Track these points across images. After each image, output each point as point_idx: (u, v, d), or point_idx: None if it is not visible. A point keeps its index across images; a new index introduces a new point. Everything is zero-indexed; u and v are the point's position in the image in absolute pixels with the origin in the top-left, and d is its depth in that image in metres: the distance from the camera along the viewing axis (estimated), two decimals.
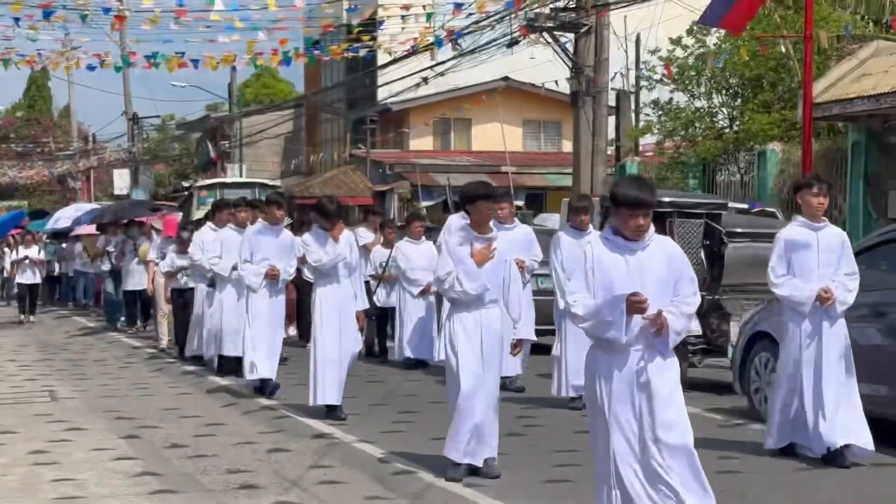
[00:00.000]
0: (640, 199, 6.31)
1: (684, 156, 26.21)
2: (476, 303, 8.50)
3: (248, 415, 11.81)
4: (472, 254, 8.49)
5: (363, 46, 24.96)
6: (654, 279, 6.35)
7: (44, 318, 27.18)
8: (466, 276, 8.43)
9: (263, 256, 12.85)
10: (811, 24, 18.56)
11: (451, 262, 8.50)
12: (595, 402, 6.42)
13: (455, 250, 8.55)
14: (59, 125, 70.36)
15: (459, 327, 8.52)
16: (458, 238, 8.61)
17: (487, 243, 8.56)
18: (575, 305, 6.38)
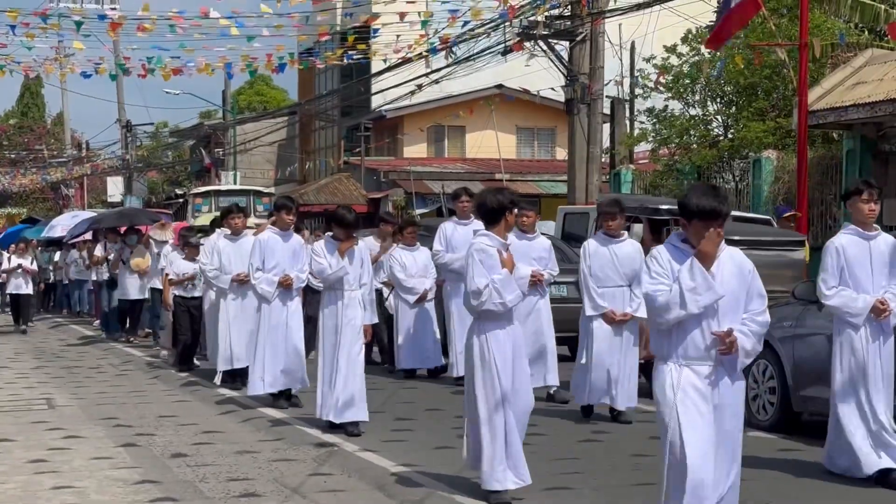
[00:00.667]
0: (717, 209, 6.00)
1: (679, 163, 26.26)
2: (506, 315, 8.08)
3: (248, 423, 11.80)
4: (503, 262, 8.05)
5: (358, 53, 24.97)
6: (724, 291, 6.08)
7: (38, 325, 27.08)
8: (504, 286, 7.96)
9: (275, 263, 12.47)
10: (806, 32, 18.63)
11: (486, 274, 7.99)
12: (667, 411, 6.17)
13: (486, 260, 8.06)
14: (53, 132, 70.28)
15: (494, 344, 8.05)
16: (485, 247, 8.13)
17: (507, 250, 8.21)
18: (656, 295, 6.09)
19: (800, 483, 8.90)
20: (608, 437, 10.73)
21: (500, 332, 8.05)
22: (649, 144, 28.41)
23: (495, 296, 7.92)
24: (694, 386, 6.11)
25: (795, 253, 14.21)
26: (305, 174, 49.64)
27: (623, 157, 28.74)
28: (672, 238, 6.22)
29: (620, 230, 11.66)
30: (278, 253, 12.48)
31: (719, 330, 6.03)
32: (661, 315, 6.09)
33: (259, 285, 12.45)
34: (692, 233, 6.05)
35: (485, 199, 8.32)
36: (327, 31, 24.12)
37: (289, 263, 12.48)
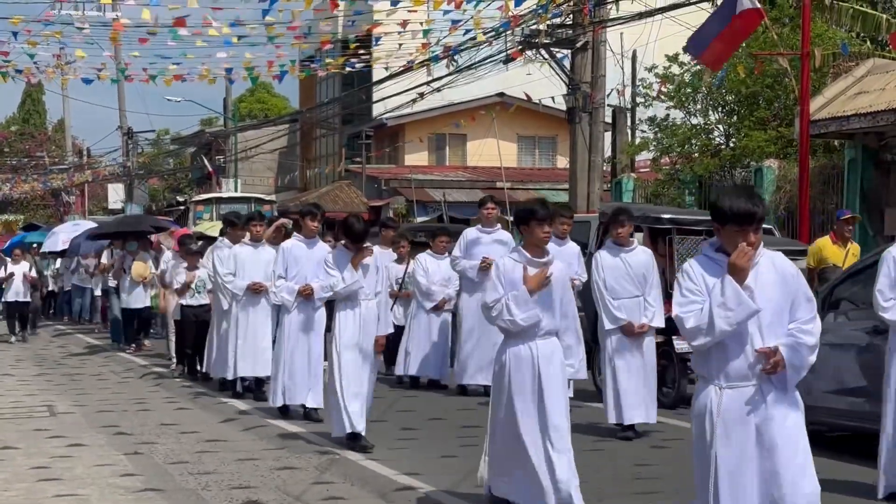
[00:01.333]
0: (752, 212, 5.50)
1: (681, 173, 26.28)
2: (529, 333, 7.71)
3: (250, 431, 11.79)
4: (524, 279, 7.67)
5: (360, 62, 24.99)
6: (765, 302, 5.51)
7: (41, 333, 26.98)
8: (517, 303, 7.63)
9: (299, 272, 12.15)
10: (808, 41, 18.66)
11: (500, 288, 7.70)
12: (703, 445, 5.68)
13: (506, 274, 7.75)
14: (54, 139, 70.35)
15: (513, 361, 7.75)
16: (508, 260, 7.83)
17: (543, 268, 7.74)
18: (686, 318, 5.56)
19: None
20: (609, 446, 10.73)
21: (522, 348, 7.74)
22: (651, 153, 28.43)
23: (505, 312, 7.65)
24: (736, 413, 5.56)
25: (796, 262, 14.17)
26: (306, 182, 49.68)
27: (624, 166, 28.76)
28: (705, 248, 5.78)
29: (630, 238, 11.45)
30: (302, 261, 12.17)
31: (764, 347, 5.52)
32: (694, 339, 5.56)
33: (279, 294, 12.21)
34: (726, 238, 5.58)
35: (516, 210, 8.16)
36: (329, 39, 24.09)
37: (313, 273, 12.02)
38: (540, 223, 7.79)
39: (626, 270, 11.20)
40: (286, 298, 12.12)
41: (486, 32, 23.35)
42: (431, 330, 15.02)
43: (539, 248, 7.84)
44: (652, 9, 22.39)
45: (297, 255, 12.20)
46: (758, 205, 5.54)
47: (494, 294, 7.71)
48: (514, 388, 7.69)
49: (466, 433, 11.41)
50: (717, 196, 5.72)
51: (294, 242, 12.41)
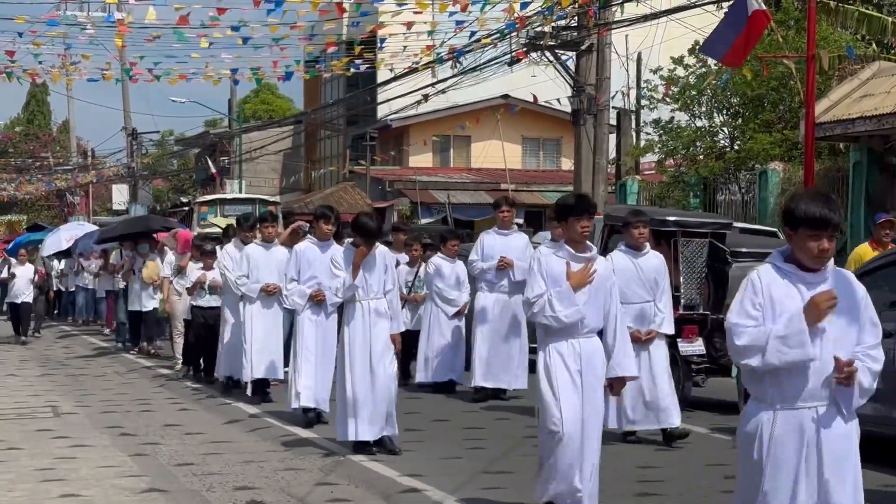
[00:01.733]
0: (827, 217, 5.11)
1: (685, 175, 26.27)
2: (571, 331, 7.48)
3: (254, 432, 11.79)
4: (567, 275, 7.45)
5: (364, 63, 24.99)
6: (835, 320, 5.14)
7: (45, 333, 26.98)
8: (560, 299, 7.40)
9: (312, 275, 11.93)
10: (814, 44, 18.62)
11: (542, 283, 7.47)
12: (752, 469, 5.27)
13: (549, 269, 7.50)
14: (58, 140, 70.42)
15: (556, 357, 7.49)
16: (550, 255, 7.57)
17: (586, 264, 7.53)
18: (739, 332, 5.16)
19: None
20: (612, 449, 10.69)
21: (564, 345, 7.51)
22: (655, 155, 28.43)
23: (548, 308, 7.41)
24: (791, 437, 5.18)
25: None
26: (310, 183, 49.67)
27: (629, 168, 28.76)
28: (774, 256, 5.32)
29: (645, 241, 11.11)
30: (316, 264, 11.92)
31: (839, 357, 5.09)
32: (739, 356, 5.18)
33: (291, 297, 12.03)
34: (797, 245, 5.19)
35: (555, 205, 7.96)
36: (334, 41, 24.11)
37: (327, 276, 11.66)
38: (578, 218, 7.52)
39: (638, 275, 10.92)
40: (297, 302, 11.95)
41: (491, 34, 23.36)
42: (450, 334, 14.86)
43: (581, 244, 7.59)
44: (657, 11, 22.37)
45: (310, 257, 11.98)
46: (834, 210, 5.16)
47: (536, 289, 7.49)
48: (560, 385, 7.45)
49: (471, 435, 11.41)
50: (790, 199, 5.35)
51: (307, 245, 12.18)
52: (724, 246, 13.55)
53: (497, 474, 9.39)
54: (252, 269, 13.91)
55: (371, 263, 10.46)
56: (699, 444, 10.94)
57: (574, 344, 7.50)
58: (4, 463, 10.10)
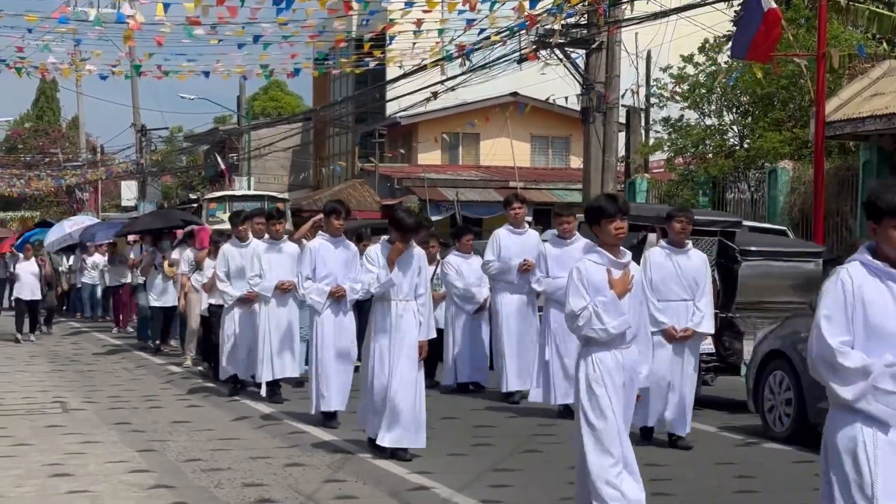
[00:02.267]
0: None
1: (695, 173, 26.23)
2: (616, 341, 7.03)
3: (262, 429, 11.79)
4: (610, 283, 7.00)
5: (373, 60, 24.98)
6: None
7: (55, 329, 26.91)
8: (606, 310, 6.94)
9: (327, 273, 11.65)
10: (824, 42, 18.60)
11: (585, 294, 7.00)
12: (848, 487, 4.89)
13: (589, 279, 7.02)
14: (68, 136, 70.54)
15: (601, 369, 7.04)
16: (589, 265, 7.08)
17: (625, 270, 7.09)
18: (844, 355, 4.83)
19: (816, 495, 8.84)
20: None
21: (607, 356, 7.06)
22: (665, 154, 28.37)
23: (595, 321, 6.94)
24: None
25: (812, 264, 14.16)
26: (319, 180, 49.69)
27: (638, 166, 28.72)
28: (859, 253, 4.99)
29: (686, 237, 10.77)
30: (330, 261, 11.69)
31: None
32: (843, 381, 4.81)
33: (309, 296, 11.66)
34: (882, 237, 4.87)
35: (585, 209, 7.44)
36: (343, 38, 24.09)
37: (341, 272, 11.65)
38: (611, 219, 7.07)
39: (677, 272, 10.61)
40: (316, 300, 11.60)
41: (501, 32, 23.33)
42: (474, 333, 14.58)
43: (616, 248, 7.13)
44: (667, 9, 22.33)
45: (324, 255, 11.70)
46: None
47: (580, 301, 6.98)
48: (612, 396, 7.03)
49: (479, 433, 11.41)
50: (870, 192, 5.03)
51: (321, 242, 11.85)
52: (734, 244, 13.53)
53: (505, 472, 9.39)
54: (265, 268, 13.67)
55: (406, 262, 10.06)
56: (708, 443, 10.92)
57: (618, 355, 7.07)
58: (13, 458, 10.12)
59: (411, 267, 10.07)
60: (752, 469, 9.65)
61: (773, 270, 13.76)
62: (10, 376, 17.16)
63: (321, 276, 11.66)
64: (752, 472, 9.50)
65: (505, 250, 13.64)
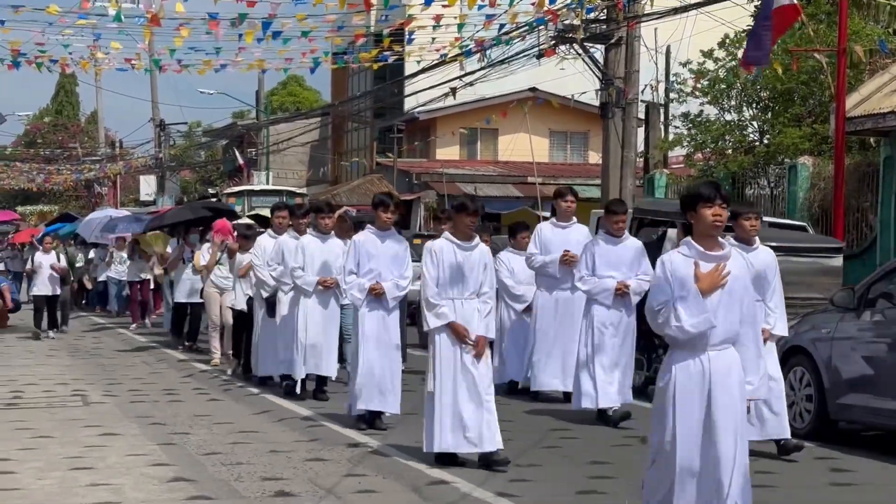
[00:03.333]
0: None
1: (714, 169, 26.17)
2: (700, 343, 6.36)
3: (282, 422, 11.81)
4: (696, 277, 6.37)
5: (392, 54, 24.98)
6: None
7: (75, 324, 26.86)
8: (686, 306, 6.33)
9: (371, 268, 11.11)
10: (845, 38, 18.52)
11: (668, 288, 6.41)
12: None
13: (674, 272, 6.42)
14: (87, 131, 70.80)
15: (679, 378, 6.38)
16: (678, 256, 6.49)
17: (718, 264, 6.42)
18: None
19: (836, 491, 8.83)
20: (638, 452, 10.67)
21: (690, 364, 6.39)
22: (684, 149, 28.31)
23: (672, 318, 6.35)
24: None
25: (832, 260, 14.12)
26: (337, 175, 49.76)
27: (657, 162, 28.66)
28: None
29: (756, 234, 10.04)
30: (376, 256, 11.13)
31: None
32: None
33: (350, 291, 11.20)
34: None
35: (681, 196, 6.81)
36: (362, 33, 24.12)
37: (388, 268, 11.13)
38: (709, 204, 6.43)
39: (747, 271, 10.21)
40: (356, 296, 11.10)
41: (520, 27, 23.30)
42: (521, 333, 13.86)
43: (713, 240, 6.49)
44: (687, 4, 22.28)
45: (369, 249, 11.15)
46: None
47: (661, 296, 6.44)
48: (678, 411, 6.38)
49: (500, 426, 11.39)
50: None
51: (367, 235, 11.28)
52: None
53: (525, 467, 9.38)
54: (307, 261, 13.27)
55: (469, 260, 9.50)
56: None
57: (702, 360, 6.39)
58: (35, 451, 10.17)
59: (475, 263, 9.50)
60: (773, 465, 9.62)
61: (793, 266, 13.69)
62: (31, 369, 17.23)
63: (365, 271, 11.12)
64: (773, 468, 9.48)
65: (547, 244, 13.08)
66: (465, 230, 9.51)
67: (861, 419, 10.67)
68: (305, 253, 13.32)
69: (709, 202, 6.44)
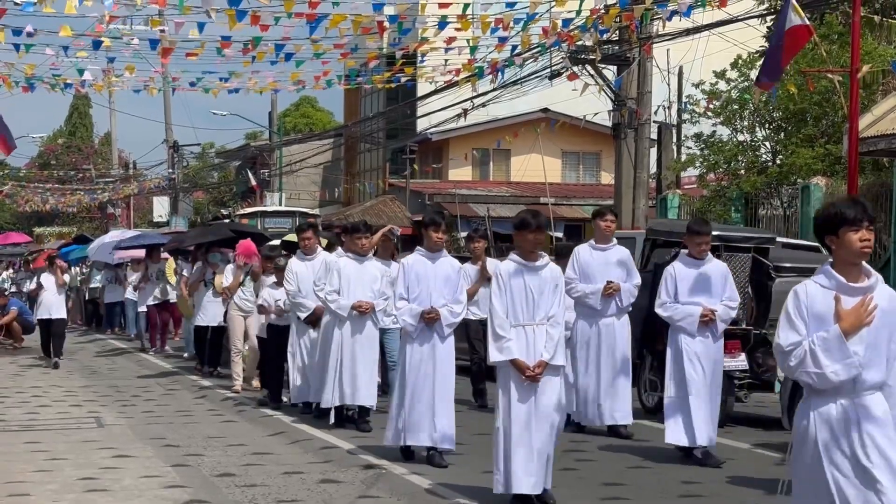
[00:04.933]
0: None
1: (727, 189, 26.17)
2: (844, 389, 5.34)
3: (296, 444, 11.82)
4: (837, 315, 5.33)
5: (405, 76, 25.04)
6: None
7: (88, 346, 26.91)
8: (826, 349, 5.28)
9: (419, 291, 10.44)
10: (857, 58, 18.49)
11: (801, 326, 5.39)
12: None
13: (810, 306, 5.41)
14: (100, 152, 71.04)
15: (819, 424, 5.38)
16: (816, 287, 5.45)
17: (863, 297, 5.37)
18: None
19: None
20: (658, 464, 10.65)
21: (832, 409, 5.38)
22: (697, 170, 28.32)
23: (810, 362, 5.32)
24: None
25: None
26: (350, 196, 49.84)
27: (670, 183, 28.66)
28: None
29: None
30: (425, 279, 10.47)
31: None
32: None
33: (401, 317, 10.47)
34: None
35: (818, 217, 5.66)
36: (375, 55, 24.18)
37: (439, 291, 10.48)
38: (854, 229, 5.43)
39: None
40: (408, 322, 10.38)
41: (532, 48, 23.35)
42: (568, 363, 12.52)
43: (856, 268, 5.44)
44: (699, 25, 22.31)
45: (419, 271, 10.51)
46: None
47: (793, 335, 5.41)
48: (825, 459, 5.38)
49: None
50: None
51: (416, 257, 10.63)
52: (768, 261, 13.48)
53: None
54: (344, 284, 12.38)
55: (537, 282, 8.64)
56: (742, 459, 10.87)
57: (847, 408, 5.36)
58: (49, 473, 10.19)
59: (546, 282, 8.63)
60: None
61: None
62: (44, 390, 17.27)
63: (413, 295, 10.47)
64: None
65: (586, 268, 12.21)
66: (530, 249, 8.63)
67: None
68: (341, 275, 12.43)
69: (854, 226, 5.42)
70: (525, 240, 8.64)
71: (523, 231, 8.61)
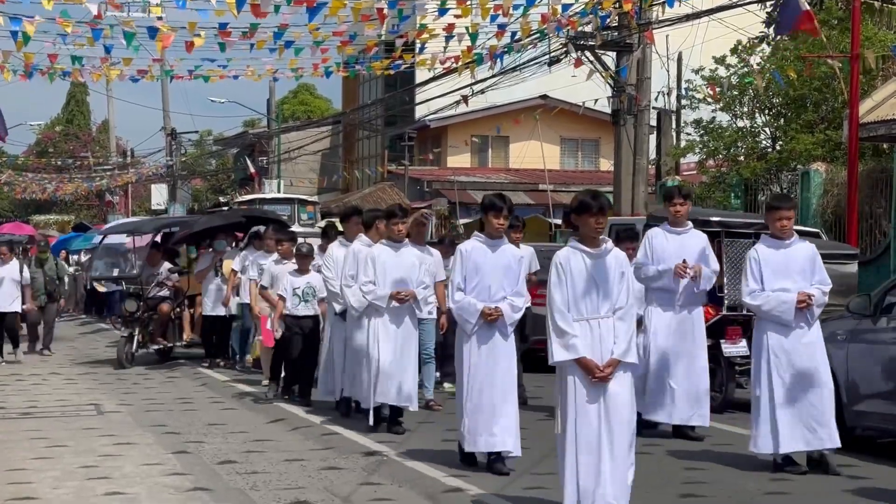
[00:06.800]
0: None
1: (727, 176, 26.15)
2: None
3: (297, 431, 11.81)
4: None
5: (403, 63, 24.99)
6: None
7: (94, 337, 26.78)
8: None
9: (478, 282, 9.54)
10: (857, 43, 18.50)
11: None
12: None
13: None
14: (98, 140, 70.96)
15: None
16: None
17: None
18: None
19: (851, 499, 8.79)
20: (661, 450, 10.65)
21: None
22: (696, 156, 28.31)
23: None
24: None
25: (847, 266, 14.08)
26: (348, 183, 49.84)
27: (669, 169, 28.64)
28: None
29: None
30: (484, 268, 9.57)
31: None
32: None
33: (457, 312, 9.61)
34: None
35: None
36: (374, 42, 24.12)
37: (499, 282, 9.57)
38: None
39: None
40: (467, 321, 9.53)
41: (531, 34, 23.29)
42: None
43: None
44: (698, 11, 22.27)
45: (477, 260, 9.57)
46: None
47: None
48: None
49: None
50: None
51: (474, 244, 9.64)
52: None
53: (540, 475, 9.35)
54: (379, 273, 11.45)
55: (601, 269, 7.56)
56: (744, 446, 10.84)
57: None
58: (50, 460, 10.18)
59: (610, 272, 7.55)
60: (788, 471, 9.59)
61: None
62: (44, 378, 17.26)
63: (471, 287, 9.56)
64: (788, 475, 9.45)
65: (660, 252, 11.42)
66: (592, 234, 7.55)
67: (877, 426, 10.62)
68: (377, 264, 11.50)
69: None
70: (587, 224, 7.55)
71: (584, 215, 7.55)
